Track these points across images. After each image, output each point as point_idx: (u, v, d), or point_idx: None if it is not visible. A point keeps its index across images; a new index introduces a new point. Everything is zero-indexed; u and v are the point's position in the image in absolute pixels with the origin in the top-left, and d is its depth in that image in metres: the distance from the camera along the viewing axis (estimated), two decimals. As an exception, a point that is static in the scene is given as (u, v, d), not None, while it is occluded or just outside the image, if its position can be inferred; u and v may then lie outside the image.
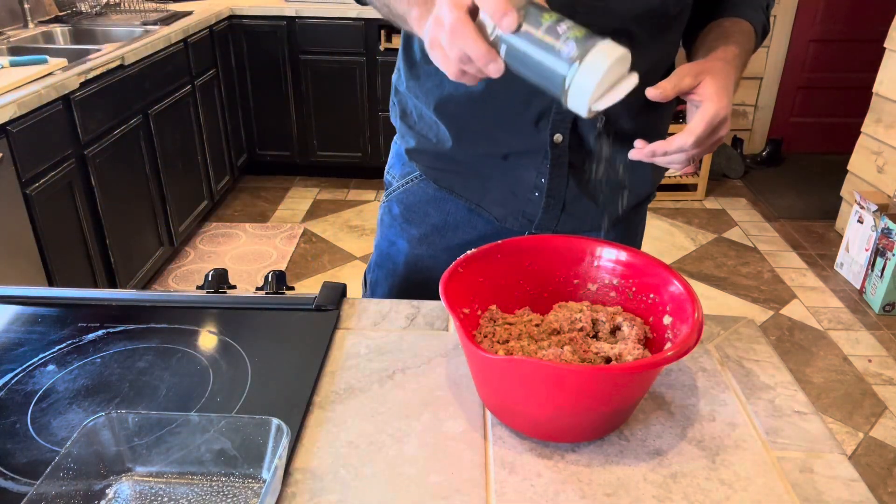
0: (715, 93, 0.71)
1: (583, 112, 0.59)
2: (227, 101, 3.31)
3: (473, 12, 0.58)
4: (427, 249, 1.00)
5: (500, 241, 0.78)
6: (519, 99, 0.84)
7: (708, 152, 0.76)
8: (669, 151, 0.73)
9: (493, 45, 0.58)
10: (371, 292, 1.09)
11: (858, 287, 2.75)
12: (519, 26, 0.56)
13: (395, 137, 1.03)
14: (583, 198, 0.93)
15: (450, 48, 0.58)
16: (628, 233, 1.03)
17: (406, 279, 1.03)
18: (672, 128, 3.38)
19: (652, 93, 0.71)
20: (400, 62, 0.95)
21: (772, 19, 3.75)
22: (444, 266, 0.87)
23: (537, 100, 0.84)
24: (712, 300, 2.70)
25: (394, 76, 0.99)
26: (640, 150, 0.75)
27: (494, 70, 0.58)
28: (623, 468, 0.63)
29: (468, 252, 0.75)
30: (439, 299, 0.67)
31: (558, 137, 0.86)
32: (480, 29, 0.58)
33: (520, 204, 0.93)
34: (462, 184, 0.95)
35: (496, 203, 0.95)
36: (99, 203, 2.19)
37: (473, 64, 0.58)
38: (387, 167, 1.05)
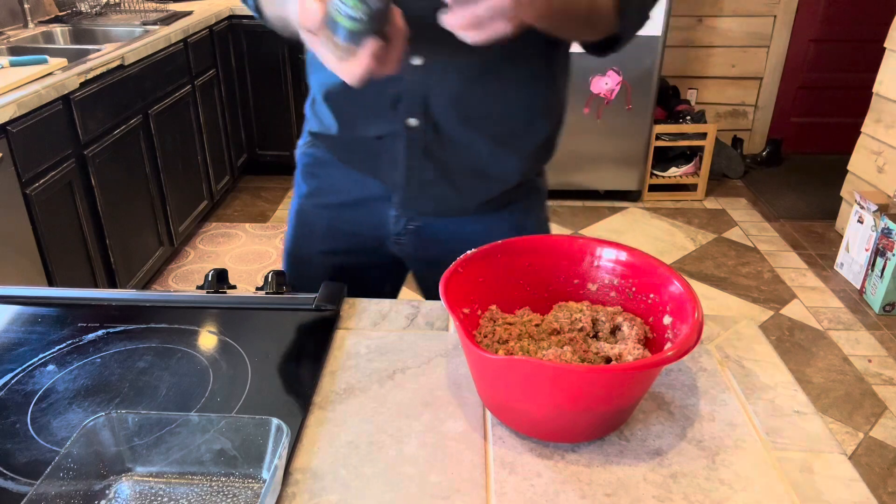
0: None
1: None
2: (226, 101, 3.31)
3: None
4: (311, 205, 1.10)
5: (500, 241, 0.78)
6: (377, 83, 0.87)
7: (491, 25, 0.67)
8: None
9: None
10: (287, 238, 1.18)
11: (858, 287, 2.75)
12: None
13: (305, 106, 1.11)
14: (442, 182, 0.97)
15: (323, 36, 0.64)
16: (511, 224, 1.03)
17: (295, 230, 1.13)
18: (671, 128, 3.38)
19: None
20: (307, 53, 1.02)
21: (772, 19, 3.76)
22: (321, 220, 1.07)
23: (392, 84, 0.88)
24: (712, 300, 2.70)
25: None
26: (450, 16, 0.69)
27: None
28: (623, 468, 0.63)
29: (468, 252, 0.75)
30: (318, 255, 0.66)
31: (412, 121, 0.91)
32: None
33: (387, 184, 0.99)
34: (357, 161, 1.02)
35: (365, 182, 1.01)
36: (99, 203, 2.19)
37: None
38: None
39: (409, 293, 1.34)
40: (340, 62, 0.66)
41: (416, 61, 0.87)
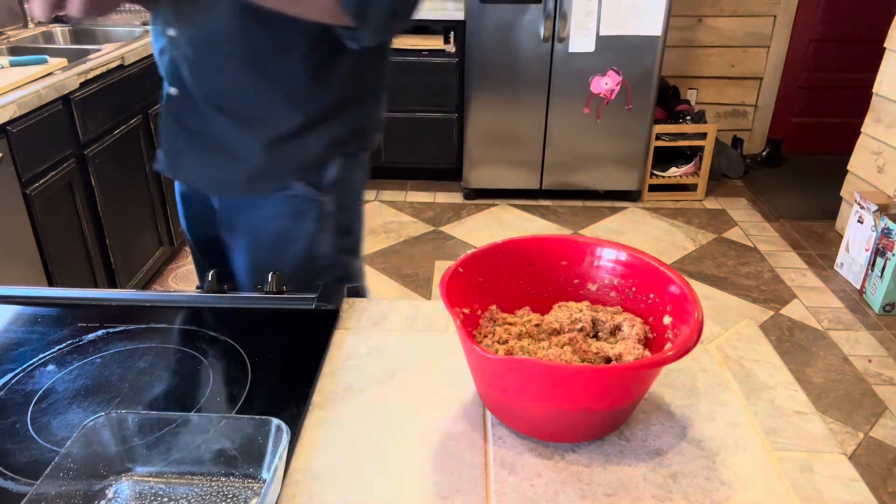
0: None
1: None
2: (227, 101, 3.31)
3: None
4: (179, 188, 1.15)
5: (500, 241, 0.78)
6: (159, 53, 0.99)
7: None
8: None
9: None
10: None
11: (858, 287, 2.75)
12: None
13: None
14: (190, 153, 1.02)
15: None
16: (266, 209, 1.02)
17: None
18: (671, 128, 3.38)
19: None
20: None
21: (772, 19, 3.76)
22: (176, 191, 1.15)
23: (165, 55, 0.98)
24: (712, 300, 2.70)
25: None
26: None
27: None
28: (623, 468, 0.63)
29: (468, 252, 0.75)
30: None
31: (172, 90, 0.99)
32: None
33: (162, 151, 1.05)
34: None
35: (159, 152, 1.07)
36: (99, 203, 2.19)
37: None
38: None
39: (409, 293, 1.34)
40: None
41: (171, 32, 0.93)
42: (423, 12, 1.02)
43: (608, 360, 0.69)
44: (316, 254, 1.05)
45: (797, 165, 3.99)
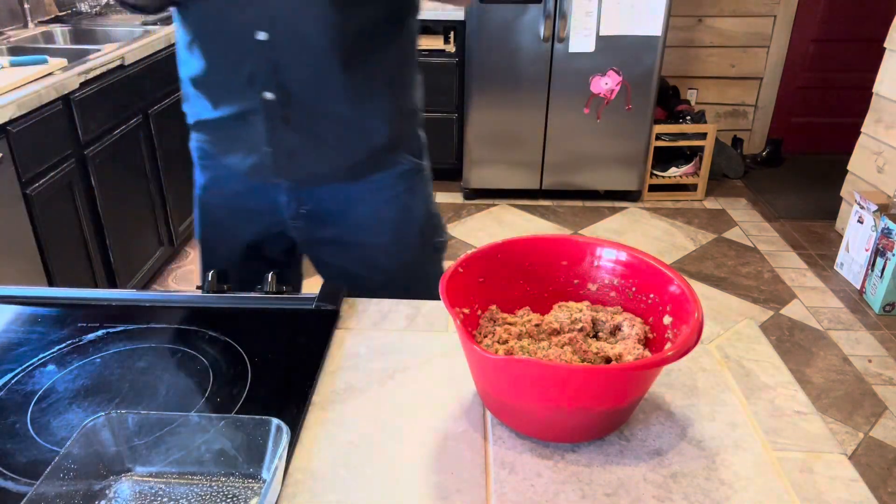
0: None
1: None
2: (227, 101, 3.31)
3: None
4: (209, 197, 1.14)
5: (500, 241, 0.78)
6: (231, 62, 0.94)
7: None
8: None
9: None
10: (196, 229, 1.21)
11: (858, 287, 2.75)
12: None
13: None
14: (308, 147, 1.00)
15: None
16: (399, 205, 1.08)
17: (201, 219, 1.17)
18: (671, 128, 3.38)
19: None
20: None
21: (772, 19, 3.76)
22: (220, 211, 1.11)
23: (248, 61, 0.93)
24: (712, 300, 2.70)
25: None
26: None
27: None
28: (623, 468, 0.63)
29: (468, 252, 0.75)
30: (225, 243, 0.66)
31: (268, 95, 0.95)
32: None
33: (259, 158, 1.01)
34: (222, 149, 1.05)
35: (243, 160, 1.03)
36: (99, 203, 2.19)
37: None
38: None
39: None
40: None
41: (261, 36, 0.90)
42: (424, 12, 1.03)
43: (608, 360, 0.69)
44: (432, 215, 1.14)
45: (797, 165, 3.99)
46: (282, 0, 0.88)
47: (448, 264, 0.79)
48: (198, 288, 0.92)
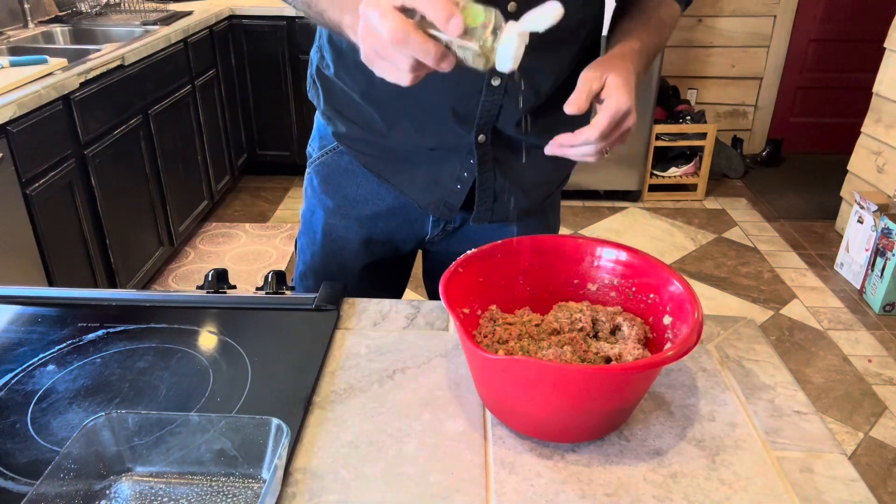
0: (616, 88, 0.74)
1: (510, 68, 0.59)
2: (226, 101, 3.31)
3: (402, 12, 0.56)
4: (340, 220, 1.05)
5: (500, 241, 0.78)
6: (444, 102, 0.88)
7: (619, 143, 0.80)
8: (576, 144, 0.76)
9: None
10: (300, 258, 1.14)
11: (858, 287, 2.75)
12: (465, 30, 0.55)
13: (316, 113, 1.06)
14: (509, 188, 0.98)
15: (399, 58, 0.57)
16: (545, 221, 1.10)
17: (324, 247, 1.08)
18: (671, 128, 3.38)
19: (570, 109, 0.74)
20: (325, 48, 0.96)
21: (772, 19, 3.76)
22: (355, 235, 1.03)
23: (462, 104, 0.88)
24: (712, 300, 2.70)
25: (314, 56, 1.00)
26: (549, 145, 0.79)
27: (447, 66, 0.57)
28: (623, 468, 0.63)
29: (468, 252, 0.75)
30: (351, 269, 0.65)
31: (482, 138, 0.91)
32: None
33: (443, 194, 0.98)
34: (390, 170, 0.99)
35: (420, 190, 0.99)
36: (99, 203, 2.19)
37: (425, 67, 0.57)
38: (309, 140, 1.09)
39: (409, 293, 1.35)
40: (404, 72, 0.59)
41: (495, 82, 0.86)
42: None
43: (608, 360, 0.69)
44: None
45: (797, 165, 3.99)
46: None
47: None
48: (198, 288, 0.92)
